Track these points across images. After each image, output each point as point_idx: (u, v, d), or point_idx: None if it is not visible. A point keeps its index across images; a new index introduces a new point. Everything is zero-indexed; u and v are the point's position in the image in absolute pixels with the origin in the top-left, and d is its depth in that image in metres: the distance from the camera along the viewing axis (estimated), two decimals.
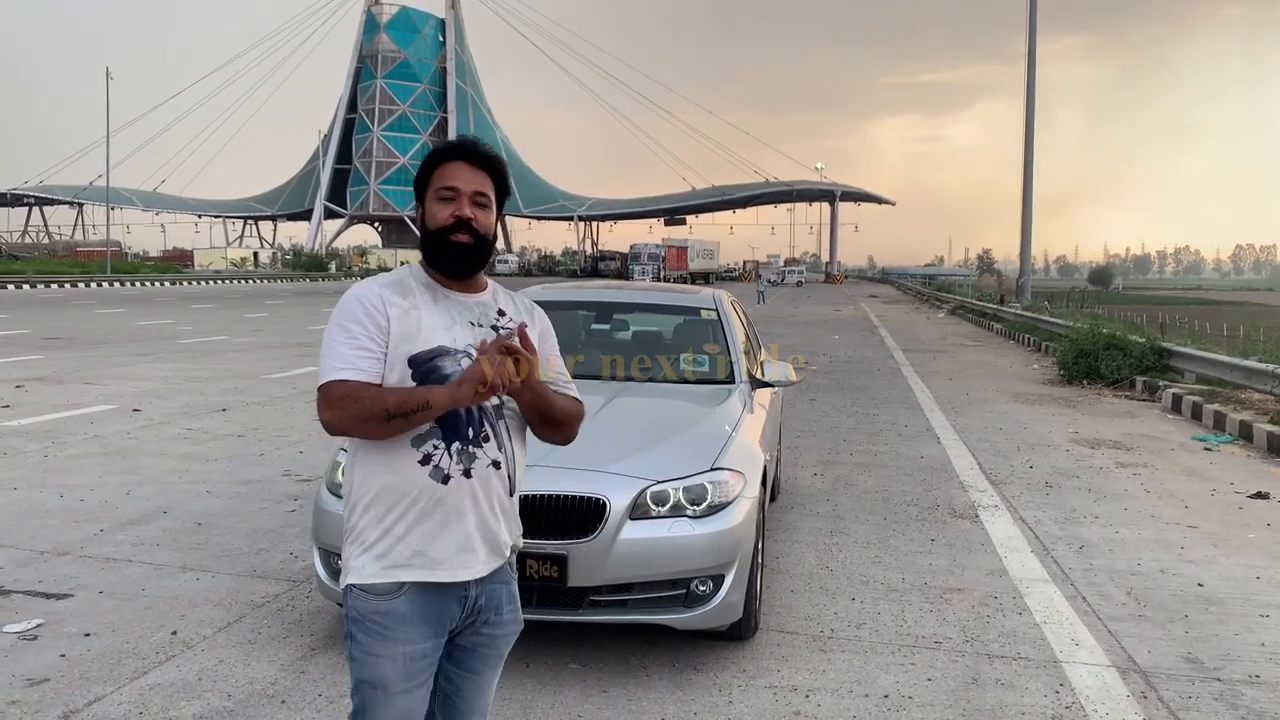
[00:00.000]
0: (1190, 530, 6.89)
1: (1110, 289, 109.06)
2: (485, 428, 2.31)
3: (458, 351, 2.30)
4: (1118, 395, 14.88)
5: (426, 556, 2.26)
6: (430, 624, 2.28)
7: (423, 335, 2.29)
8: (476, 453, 2.30)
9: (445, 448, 2.27)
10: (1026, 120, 36.54)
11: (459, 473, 2.27)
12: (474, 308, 2.40)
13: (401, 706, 2.26)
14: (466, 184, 2.34)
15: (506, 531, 2.38)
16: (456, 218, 2.32)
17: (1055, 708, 4.00)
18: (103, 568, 5.52)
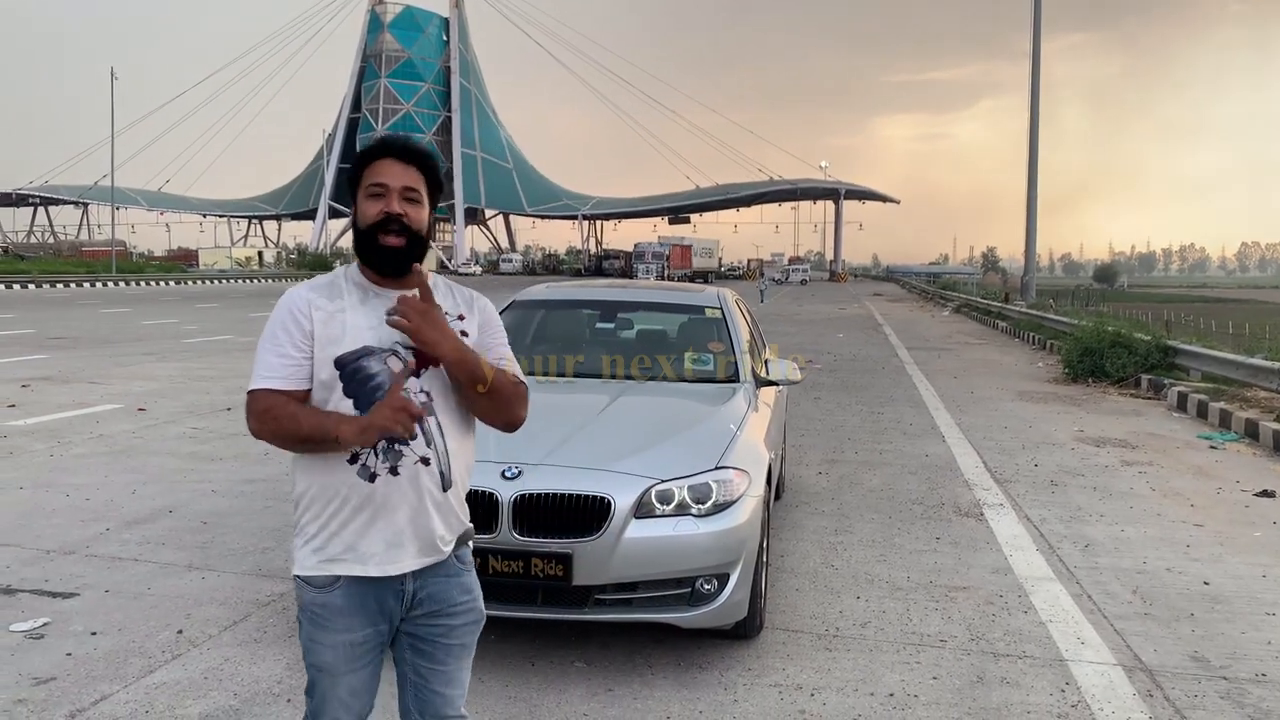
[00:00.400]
0: (1196, 529, 6.88)
1: (1115, 287, 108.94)
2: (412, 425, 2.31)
3: (383, 350, 2.35)
4: (1123, 393, 14.85)
5: (357, 552, 2.34)
6: (367, 614, 2.38)
7: (348, 337, 2.34)
8: (403, 450, 2.34)
9: (372, 446, 2.32)
10: (1031, 118, 36.49)
11: (385, 470, 2.33)
12: None
13: (347, 685, 2.42)
14: (395, 180, 2.36)
15: (442, 526, 2.41)
16: (385, 214, 2.35)
17: (1061, 706, 4.00)
18: (109, 567, 5.53)
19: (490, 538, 4.01)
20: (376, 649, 2.45)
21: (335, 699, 2.43)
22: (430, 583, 2.42)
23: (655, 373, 5.66)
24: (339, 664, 2.40)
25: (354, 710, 2.46)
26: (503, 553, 4.00)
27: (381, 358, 2.34)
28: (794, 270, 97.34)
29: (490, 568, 4.01)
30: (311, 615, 2.39)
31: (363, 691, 2.47)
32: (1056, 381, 16.34)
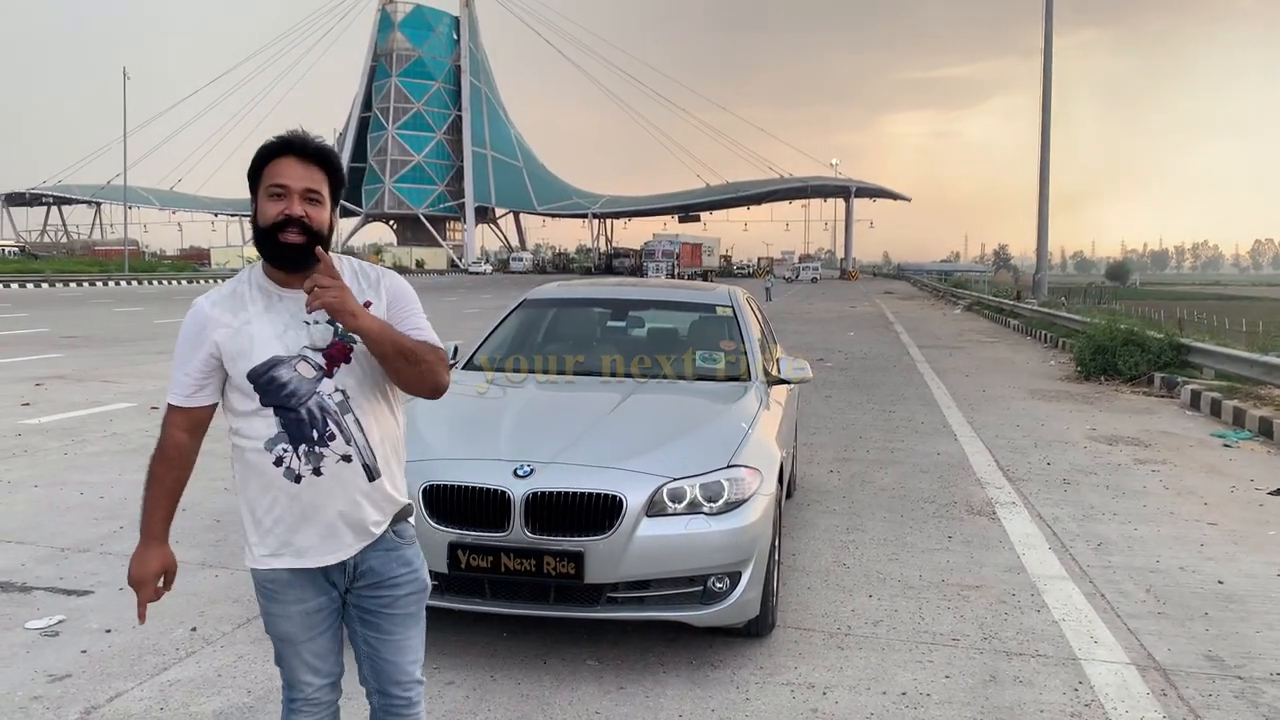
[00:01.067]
0: (1210, 527, 6.85)
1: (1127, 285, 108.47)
2: (330, 427, 2.43)
3: (291, 358, 2.42)
4: (1135, 392, 14.79)
5: (293, 546, 2.48)
6: (315, 587, 2.54)
7: (255, 350, 2.41)
8: (324, 452, 2.44)
9: (293, 450, 2.44)
10: (1043, 115, 36.32)
11: (309, 472, 2.44)
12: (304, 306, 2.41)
13: (310, 650, 2.59)
14: (296, 181, 2.37)
15: (375, 512, 2.51)
16: (286, 215, 2.36)
17: (1074, 705, 3.98)
18: (123, 565, 5.50)
19: (502, 536, 4.02)
20: (332, 615, 2.59)
21: (301, 664, 2.60)
22: (370, 558, 2.53)
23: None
24: (298, 632, 2.57)
25: (321, 672, 2.63)
26: (515, 551, 4.01)
27: (291, 365, 2.41)
28: (805, 268, 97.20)
29: (503, 565, 4.02)
30: (265, 591, 2.55)
31: (326, 654, 2.62)
32: (1069, 380, 16.29)
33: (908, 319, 34.78)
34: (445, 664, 4.25)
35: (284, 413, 2.42)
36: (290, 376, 2.42)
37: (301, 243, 2.37)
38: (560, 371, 5.61)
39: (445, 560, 4.06)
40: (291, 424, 2.43)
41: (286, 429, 2.43)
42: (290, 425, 2.43)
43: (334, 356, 2.44)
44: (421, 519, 4.10)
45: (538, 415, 4.72)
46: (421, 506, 4.11)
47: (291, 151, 2.40)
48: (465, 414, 4.91)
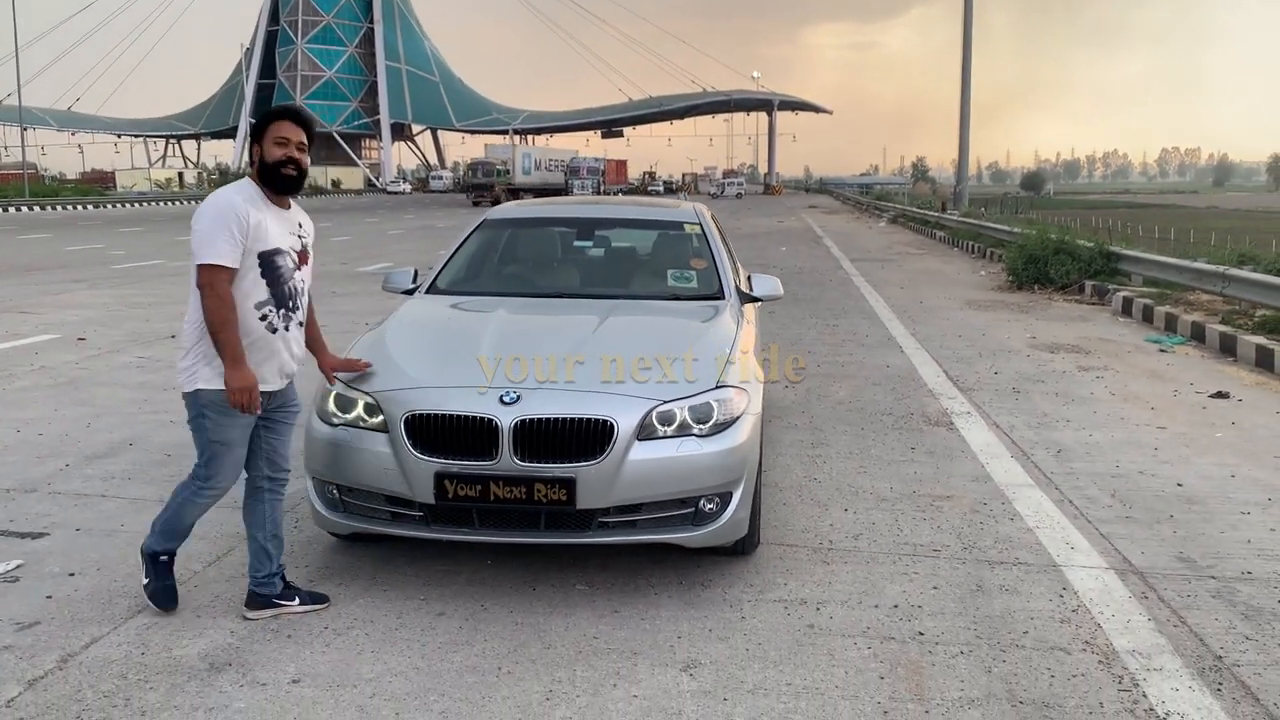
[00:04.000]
0: (1160, 431, 7.02)
1: (1042, 194, 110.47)
2: (297, 300, 3.85)
3: (287, 250, 3.78)
4: (1068, 300, 15.10)
5: (260, 376, 3.72)
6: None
7: (269, 239, 3.70)
8: (291, 316, 3.83)
9: (275, 311, 3.76)
10: (965, 25, 36.29)
11: (282, 327, 3.79)
12: (288, 219, 3.84)
13: (236, 454, 3.82)
14: (295, 135, 3.75)
15: (295, 362, 3.94)
16: (288, 158, 3.72)
17: (1062, 611, 4.05)
18: (75, 504, 5.32)
19: (491, 464, 3.91)
20: (252, 431, 3.85)
21: (229, 464, 3.82)
22: (285, 390, 3.97)
23: (640, 291, 5.54)
24: (238, 439, 3.80)
25: (239, 468, 3.88)
26: (504, 479, 3.90)
27: (286, 255, 3.77)
28: (729, 183, 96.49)
29: (492, 494, 3.91)
30: (220, 408, 3.69)
31: (243, 456, 3.87)
32: (1002, 289, 16.55)
33: (836, 233, 34.97)
34: (433, 595, 4.17)
35: (274, 285, 3.74)
36: (283, 262, 3.76)
37: (295, 176, 3.76)
38: (531, 294, 5.45)
39: (432, 490, 3.93)
40: (278, 294, 3.76)
41: (274, 295, 3.75)
42: (277, 294, 3.76)
43: (301, 258, 3.87)
44: (405, 449, 3.97)
45: (517, 338, 4.58)
46: (404, 436, 3.97)
47: (289, 117, 3.78)
48: (439, 339, 4.74)
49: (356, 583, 4.30)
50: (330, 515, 4.24)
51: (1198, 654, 3.69)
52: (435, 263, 6.00)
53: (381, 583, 4.29)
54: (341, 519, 4.24)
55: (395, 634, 3.83)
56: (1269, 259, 13.98)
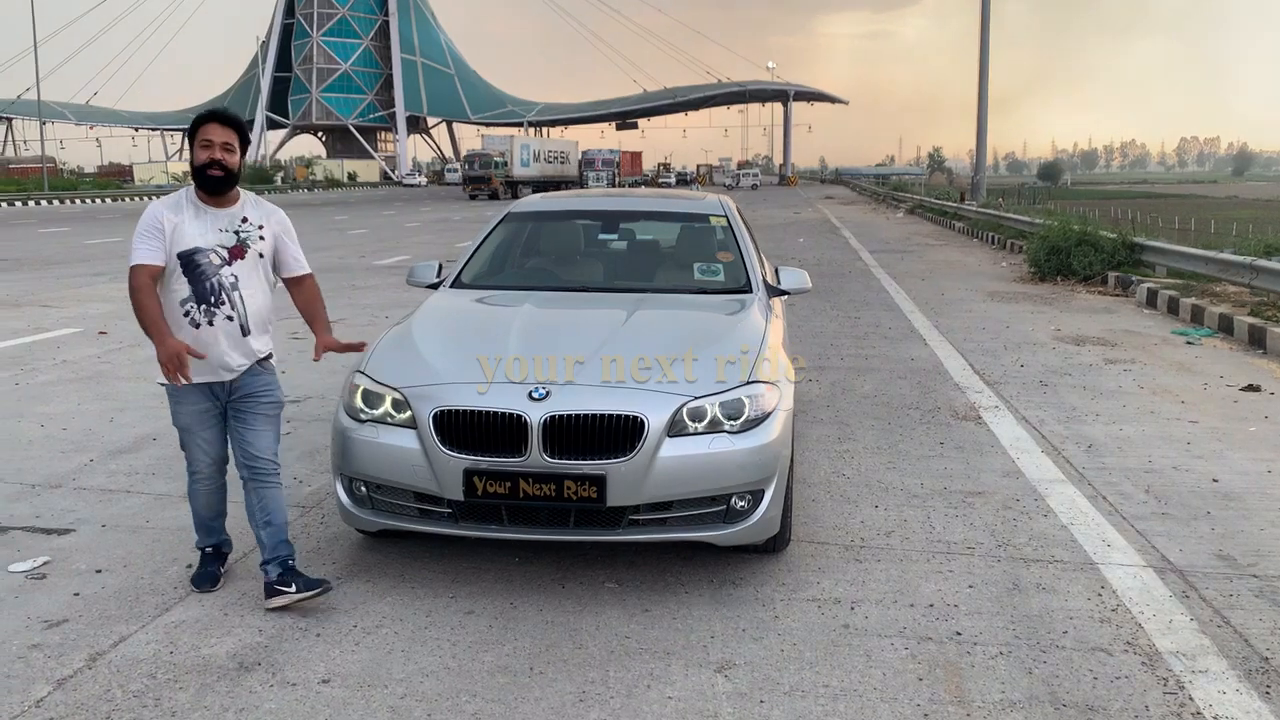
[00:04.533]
0: (1192, 425, 6.91)
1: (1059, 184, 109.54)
2: (222, 296, 3.90)
3: (207, 249, 3.87)
4: (1091, 291, 14.94)
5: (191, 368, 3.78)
6: (202, 395, 3.97)
7: (185, 240, 3.85)
8: (215, 311, 3.90)
9: (197, 307, 3.89)
10: (982, 14, 35.94)
11: (205, 322, 3.89)
12: (223, 218, 3.94)
13: (202, 437, 4.04)
14: (218, 137, 3.86)
15: (240, 357, 3.96)
16: (211, 159, 3.84)
17: (1101, 611, 3.98)
18: (100, 500, 5.30)
19: (520, 461, 3.86)
20: (216, 417, 4.04)
21: (197, 447, 4.06)
22: (242, 381, 4.01)
23: (666, 284, 5.47)
24: (194, 424, 4.02)
25: (210, 454, 4.08)
26: (534, 476, 3.85)
27: (206, 254, 3.87)
28: (744, 174, 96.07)
29: (521, 491, 3.86)
30: (173, 396, 4.00)
31: (215, 442, 4.08)
32: (1023, 280, 16.40)
33: (853, 223, 34.79)
34: (461, 593, 4.12)
35: (195, 282, 3.87)
36: (203, 261, 3.87)
37: (221, 176, 3.87)
38: (556, 288, 5.39)
39: (461, 487, 3.89)
40: (196, 290, 3.88)
41: (195, 292, 3.88)
42: (198, 290, 3.88)
43: (235, 253, 3.93)
44: (433, 446, 3.92)
45: (544, 334, 4.52)
46: (433, 432, 3.93)
47: (216, 119, 3.90)
48: (466, 333, 4.69)
49: (384, 580, 4.26)
50: (358, 512, 4.20)
51: (1243, 655, 3.61)
52: (456, 255, 5.96)
53: (409, 580, 4.25)
54: (369, 516, 4.20)
55: (425, 633, 3.79)
56: None
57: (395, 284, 15.64)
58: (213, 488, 4.14)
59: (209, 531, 4.24)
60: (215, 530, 4.26)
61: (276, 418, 4.10)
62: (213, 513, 4.20)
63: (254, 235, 3.98)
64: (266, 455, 4.03)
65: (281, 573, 3.97)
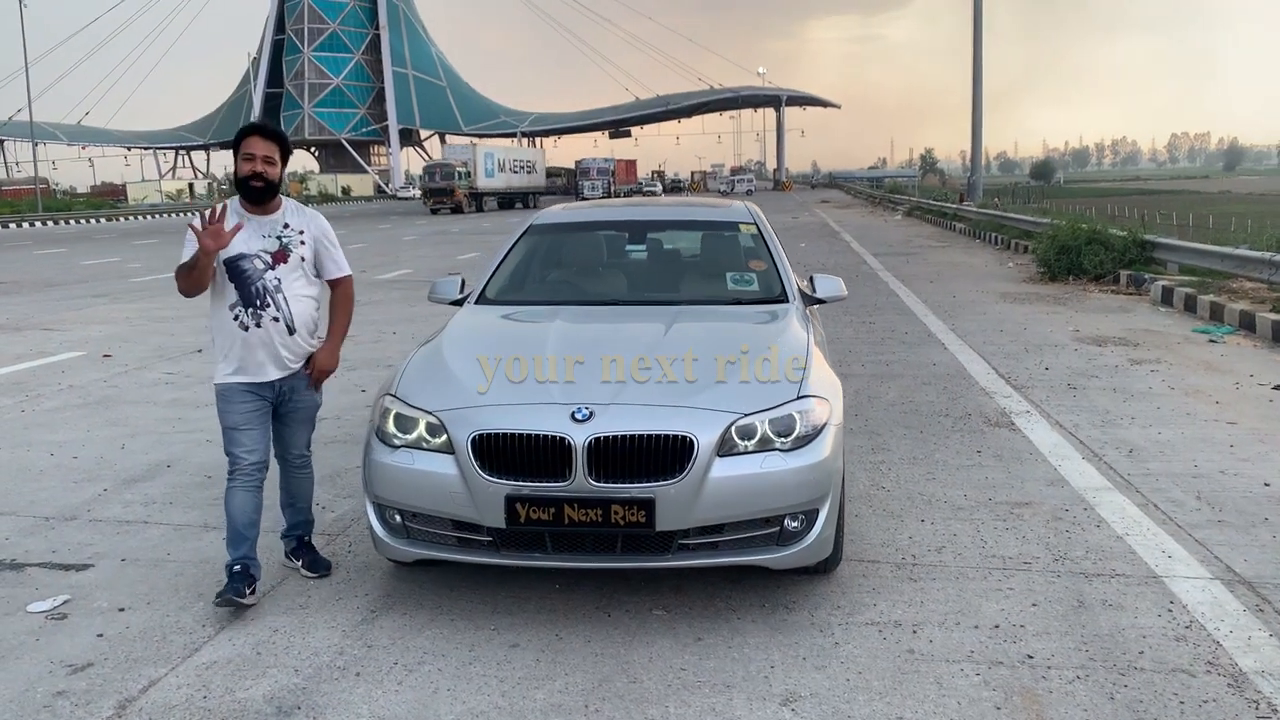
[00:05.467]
0: (1231, 427, 6.74)
1: (1052, 183, 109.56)
2: (267, 299, 4.12)
3: (252, 255, 4.10)
4: (1104, 290, 14.79)
5: (244, 368, 4.14)
6: (253, 395, 4.16)
7: (230, 248, 4.03)
8: (262, 314, 4.12)
9: (244, 310, 4.11)
10: (975, 14, 35.84)
11: (253, 325, 4.12)
12: (266, 224, 4.17)
13: (249, 435, 4.15)
14: (260, 150, 4.08)
15: (290, 354, 4.21)
16: (253, 172, 4.07)
17: (1175, 628, 3.80)
18: (118, 532, 5.12)
19: (564, 485, 3.68)
20: (262, 416, 4.21)
21: (242, 445, 4.15)
22: (289, 383, 4.25)
23: (699, 296, 5.29)
24: (241, 422, 4.15)
25: (256, 452, 4.17)
26: (579, 501, 3.67)
27: (250, 259, 4.10)
28: (739, 180, 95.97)
29: (566, 517, 3.68)
30: (224, 396, 4.17)
31: (260, 441, 4.19)
32: (1033, 281, 16.25)
33: (853, 227, 34.67)
34: (503, 625, 3.94)
35: (241, 287, 4.10)
36: (248, 266, 4.10)
37: (262, 187, 4.10)
38: (586, 302, 5.21)
39: (503, 514, 3.71)
40: (243, 293, 4.11)
41: (241, 296, 4.11)
42: (244, 294, 4.11)
43: (278, 257, 4.15)
44: (472, 471, 3.74)
45: (581, 350, 4.34)
46: (471, 457, 3.75)
47: (258, 132, 4.12)
48: (499, 351, 4.51)
49: (421, 612, 4.07)
50: (393, 542, 4.02)
51: None
52: (458, 269, 5.82)
53: (447, 612, 4.07)
54: (405, 546, 4.01)
55: (469, 669, 3.61)
56: None
57: (399, 299, 15.46)
58: (250, 487, 4.16)
59: (240, 542, 4.17)
60: (246, 542, 4.18)
61: (314, 418, 4.49)
62: (247, 519, 4.16)
63: (295, 240, 4.20)
64: (302, 450, 4.45)
65: (295, 545, 4.49)
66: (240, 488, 4.14)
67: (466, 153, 62.58)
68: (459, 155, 62.42)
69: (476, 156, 61.20)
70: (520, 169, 68.89)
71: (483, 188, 60.71)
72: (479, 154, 61.98)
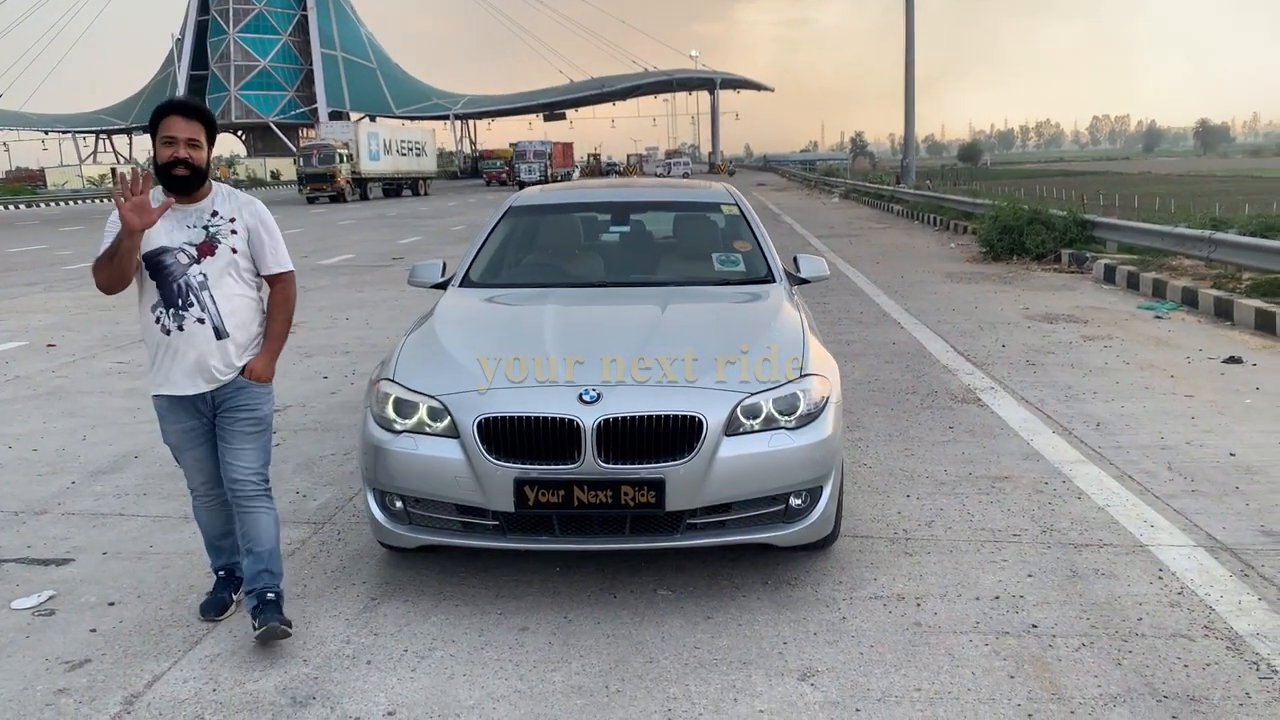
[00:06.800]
0: (1189, 400, 6.94)
1: (980, 165, 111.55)
2: (190, 297, 3.57)
3: (174, 248, 3.55)
4: (1047, 269, 15.11)
5: (168, 380, 3.63)
6: (186, 411, 3.68)
7: (151, 240, 3.50)
8: (184, 314, 3.57)
9: (165, 311, 3.58)
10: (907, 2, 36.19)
11: (175, 327, 3.58)
12: (191, 214, 3.59)
13: (192, 456, 3.78)
14: (181, 132, 3.48)
15: (220, 363, 3.62)
16: (175, 158, 3.47)
17: (1168, 594, 3.91)
18: (94, 525, 4.98)
19: (574, 468, 3.66)
20: (204, 434, 3.74)
21: (188, 465, 3.82)
22: (224, 395, 3.67)
23: (686, 277, 5.29)
24: (182, 442, 3.76)
25: (204, 472, 3.81)
26: (589, 483, 3.65)
27: (173, 253, 3.55)
28: (674, 163, 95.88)
29: (575, 499, 3.67)
30: (158, 412, 3.74)
31: (205, 460, 3.78)
32: (976, 261, 16.54)
33: (793, 209, 34.94)
34: (509, 609, 3.91)
35: (162, 285, 3.56)
36: (170, 261, 3.55)
37: (187, 175, 3.51)
38: (574, 284, 5.18)
39: (511, 498, 3.68)
40: (164, 293, 3.56)
41: (163, 296, 3.57)
42: (165, 293, 3.56)
43: (203, 250, 3.58)
44: (479, 455, 3.70)
45: (581, 333, 4.31)
46: (478, 441, 3.71)
47: (177, 110, 3.51)
48: (496, 334, 4.46)
49: (423, 599, 4.03)
50: (395, 529, 3.97)
51: None
52: (401, 253, 5.74)
53: (451, 597, 4.03)
54: (407, 532, 3.96)
55: (482, 654, 3.58)
56: (1241, 221, 14.08)
57: (345, 284, 15.25)
58: (212, 506, 3.87)
59: (218, 551, 3.99)
60: (225, 550, 3.98)
61: (261, 435, 3.73)
62: (218, 531, 3.93)
63: (224, 230, 3.60)
64: (247, 476, 3.68)
65: (256, 605, 3.64)
66: (200, 507, 3.91)
67: (348, 132, 55.65)
68: (340, 134, 55.09)
69: (359, 136, 54.59)
70: (409, 150, 62.07)
71: (367, 172, 54.41)
72: (362, 133, 55.41)
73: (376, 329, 10.88)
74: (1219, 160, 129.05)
